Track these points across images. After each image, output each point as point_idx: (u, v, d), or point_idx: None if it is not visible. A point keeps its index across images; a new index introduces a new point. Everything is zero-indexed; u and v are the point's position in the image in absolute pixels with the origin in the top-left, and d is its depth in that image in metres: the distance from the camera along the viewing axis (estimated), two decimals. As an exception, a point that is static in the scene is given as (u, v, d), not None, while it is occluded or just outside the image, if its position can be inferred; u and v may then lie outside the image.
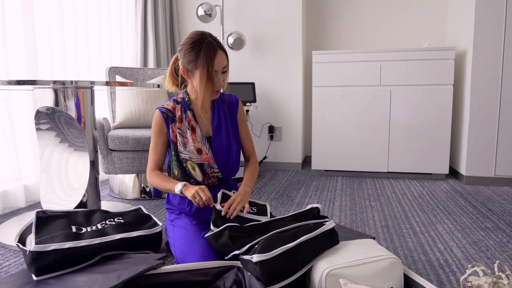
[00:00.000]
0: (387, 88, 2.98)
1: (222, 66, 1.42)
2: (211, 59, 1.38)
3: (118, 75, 2.72)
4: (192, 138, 1.48)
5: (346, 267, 1.10)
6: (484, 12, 2.64)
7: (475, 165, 2.79)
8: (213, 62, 1.38)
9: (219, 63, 1.40)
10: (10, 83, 1.53)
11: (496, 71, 2.67)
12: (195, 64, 1.39)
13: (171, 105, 1.51)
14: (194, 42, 1.39)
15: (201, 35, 1.41)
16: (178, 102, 1.52)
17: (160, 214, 2.15)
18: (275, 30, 3.38)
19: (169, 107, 1.50)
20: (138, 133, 2.34)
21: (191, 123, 1.49)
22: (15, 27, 2.22)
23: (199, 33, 1.42)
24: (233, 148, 1.54)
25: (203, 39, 1.39)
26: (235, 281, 1.20)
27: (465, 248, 1.64)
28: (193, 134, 1.49)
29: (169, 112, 1.49)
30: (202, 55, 1.37)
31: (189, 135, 1.48)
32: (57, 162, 1.85)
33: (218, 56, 1.39)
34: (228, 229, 1.26)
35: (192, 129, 1.49)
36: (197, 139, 1.48)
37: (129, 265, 1.23)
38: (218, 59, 1.40)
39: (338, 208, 2.23)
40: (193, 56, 1.39)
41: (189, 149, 1.47)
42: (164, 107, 1.50)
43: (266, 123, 3.51)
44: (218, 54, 1.39)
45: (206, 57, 1.37)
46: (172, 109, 1.50)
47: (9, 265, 1.50)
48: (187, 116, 1.50)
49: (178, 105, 1.51)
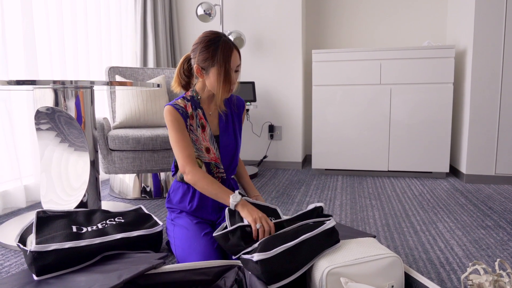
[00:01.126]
0: (387, 87, 2.97)
1: (236, 65, 1.44)
2: (228, 56, 1.40)
3: (117, 75, 2.71)
4: (202, 136, 1.49)
5: (346, 266, 1.10)
6: (484, 10, 2.64)
7: (475, 164, 2.78)
8: (230, 60, 1.41)
9: (235, 62, 1.43)
10: (10, 83, 1.53)
11: (496, 69, 2.67)
12: (212, 61, 1.40)
13: (182, 102, 1.50)
14: (211, 41, 1.41)
15: (217, 34, 1.43)
16: (188, 99, 1.51)
17: (160, 214, 2.15)
18: (274, 29, 3.37)
19: (181, 104, 1.49)
20: (138, 133, 2.34)
21: (201, 121, 1.50)
22: (15, 27, 2.22)
23: (215, 32, 1.44)
24: (238, 147, 1.57)
25: (219, 37, 1.42)
26: (235, 280, 1.20)
27: (465, 246, 1.64)
28: (203, 132, 1.50)
29: (182, 108, 1.49)
30: (219, 53, 1.40)
31: (199, 133, 1.49)
32: (58, 162, 1.85)
33: (234, 55, 1.42)
34: (240, 229, 1.24)
35: (202, 127, 1.50)
36: (206, 138, 1.50)
37: (129, 264, 1.23)
38: (234, 57, 1.43)
39: (339, 207, 2.23)
40: (210, 54, 1.40)
41: (198, 146, 1.49)
42: (176, 103, 1.49)
43: (266, 122, 3.50)
44: (234, 53, 1.43)
45: (224, 55, 1.40)
46: (183, 106, 1.50)
47: (10, 265, 1.50)
48: (198, 114, 1.51)
49: (188, 103, 1.51)
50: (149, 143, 2.32)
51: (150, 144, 2.32)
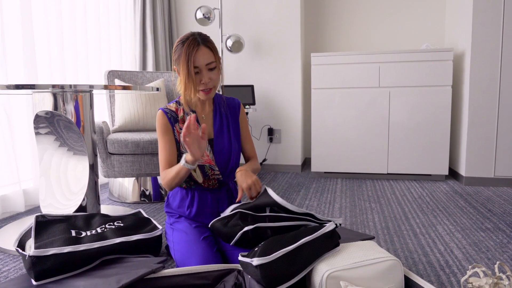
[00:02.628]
0: (386, 90, 2.98)
1: (205, 63, 1.38)
2: (190, 55, 1.36)
3: (117, 79, 2.72)
4: None
5: (346, 270, 1.10)
6: (481, 13, 2.65)
7: (474, 166, 2.79)
8: (193, 58, 1.36)
9: (201, 59, 1.37)
10: (9, 87, 1.53)
11: (495, 72, 2.68)
12: (179, 61, 1.39)
13: (174, 106, 1.51)
14: (181, 40, 1.40)
15: (189, 34, 1.41)
16: (180, 103, 1.52)
17: (159, 218, 2.14)
18: (273, 33, 3.38)
19: (172, 108, 1.50)
20: (137, 137, 2.34)
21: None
22: (14, 31, 2.23)
23: (189, 33, 1.42)
24: (234, 150, 1.55)
25: (189, 36, 1.40)
26: (235, 284, 1.19)
27: (465, 249, 1.64)
28: None
29: (172, 112, 1.49)
30: (183, 51, 1.37)
31: None
32: (56, 166, 1.84)
33: (199, 52, 1.36)
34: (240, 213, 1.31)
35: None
36: None
37: (129, 269, 1.23)
38: (200, 55, 1.36)
39: (338, 210, 2.23)
40: (178, 54, 1.40)
41: None
42: (167, 107, 1.50)
43: (266, 126, 3.51)
44: (200, 50, 1.37)
45: (186, 53, 1.36)
46: (175, 110, 1.50)
47: (8, 270, 1.50)
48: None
49: (180, 107, 1.51)
50: (148, 146, 2.32)
51: (149, 147, 2.32)
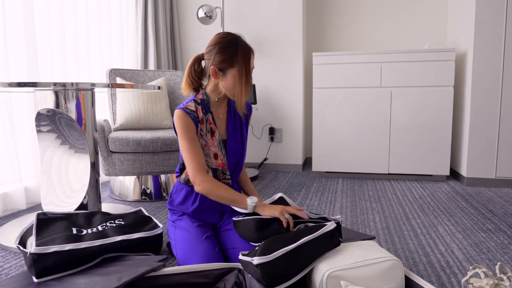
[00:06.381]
0: (387, 90, 2.97)
1: (253, 67, 1.45)
2: (248, 58, 1.41)
3: (118, 77, 2.72)
4: (211, 142, 1.48)
5: (347, 269, 1.10)
6: (484, 13, 2.64)
7: (476, 167, 2.78)
8: (250, 61, 1.41)
9: (252, 63, 1.44)
10: (10, 85, 1.53)
11: (497, 72, 2.67)
12: (231, 62, 1.39)
13: (193, 105, 1.46)
14: (229, 42, 1.40)
15: (235, 35, 1.43)
16: (199, 103, 1.47)
17: (160, 216, 2.15)
18: (275, 32, 3.38)
19: (192, 108, 1.45)
20: (138, 135, 2.34)
21: (210, 126, 1.48)
22: (16, 29, 2.23)
23: (230, 33, 1.43)
24: (244, 152, 1.56)
25: (237, 38, 1.42)
26: (236, 283, 1.19)
27: (466, 249, 1.64)
28: (212, 137, 1.48)
29: (193, 112, 1.45)
30: (239, 53, 1.39)
31: (208, 138, 1.47)
32: (58, 164, 1.85)
33: (252, 56, 1.43)
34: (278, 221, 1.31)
35: (211, 132, 1.48)
36: (214, 144, 1.48)
37: (129, 267, 1.23)
38: (252, 59, 1.44)
39: (339, 210, 2.23)
40: (228, 55, 1.38)
41: (207, 152, 1.47)
42: (188, 108, 1.45)
43: (267, 125, 3.51)
44: (252, 54, 1.43)
45: (244, 56, 1.39)
46: (195, 110, 1.46)
47: (9, 267, 1.50)
48: (208, 119, 1.48)
49: (199, 106, 1.47)
50: (150, 145, 2.32)
51: (151, 146, 2.32)
